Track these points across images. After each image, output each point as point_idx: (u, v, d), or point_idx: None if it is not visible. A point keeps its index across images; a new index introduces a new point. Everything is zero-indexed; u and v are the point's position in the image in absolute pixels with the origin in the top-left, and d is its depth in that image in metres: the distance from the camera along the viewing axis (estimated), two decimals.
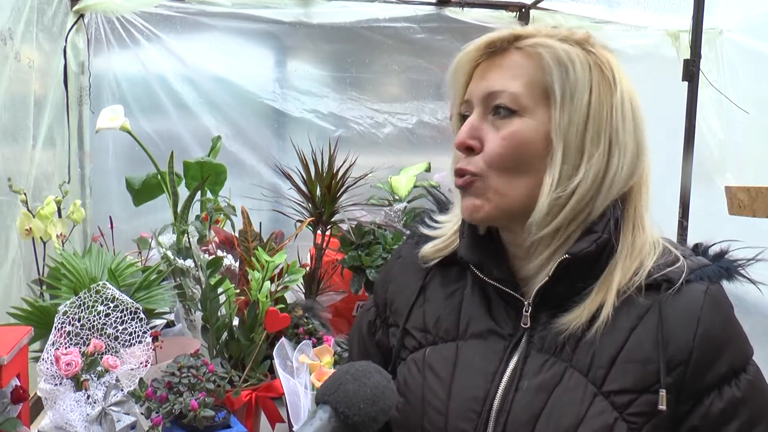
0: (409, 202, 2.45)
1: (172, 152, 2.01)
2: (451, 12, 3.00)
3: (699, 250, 0.98)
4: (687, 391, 0.86)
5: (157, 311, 1.73)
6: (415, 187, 2.50)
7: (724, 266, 0.93)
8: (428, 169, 2.63)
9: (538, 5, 2.99)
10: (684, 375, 0.86)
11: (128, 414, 1.42)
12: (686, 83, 2.21)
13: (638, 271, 0.90)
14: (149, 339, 1.52)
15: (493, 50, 0.94)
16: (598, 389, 0.87)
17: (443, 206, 1.11)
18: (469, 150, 0.93)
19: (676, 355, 0.86)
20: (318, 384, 1.41)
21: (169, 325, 1.99)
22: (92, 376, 1.42)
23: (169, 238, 1.92)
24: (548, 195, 0.88)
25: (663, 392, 0.85)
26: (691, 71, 2.17)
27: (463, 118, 0.97)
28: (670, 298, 0.88)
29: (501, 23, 3.05)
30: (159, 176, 2.01)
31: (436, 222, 1.09)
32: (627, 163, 0.90)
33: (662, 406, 0.84)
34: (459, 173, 0.94)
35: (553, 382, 0.89)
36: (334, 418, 0.83)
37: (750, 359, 0.90)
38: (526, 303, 0.94)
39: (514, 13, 3.06)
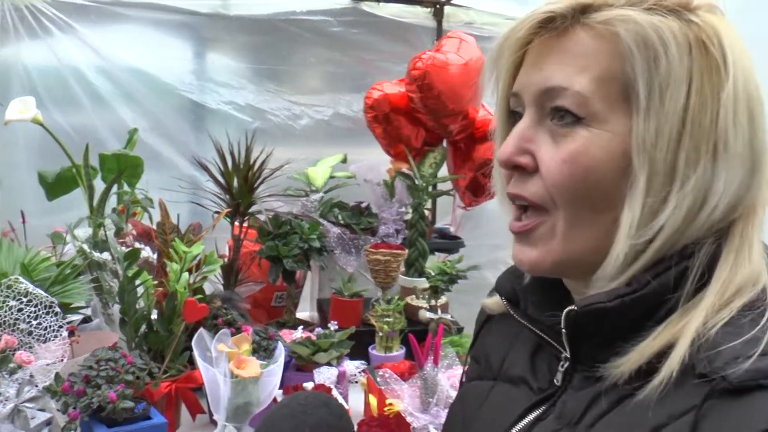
0: (325, 192, 2.50)
1: (87, 144, 1.99)
2: (367, 6, 3.07)
3: None
4: None
5: (73, 305, 1.72)
6: (331, 177, 2.55)
7: None
8: (344, 161, 2.68)
9: (452, 1, 3.08)
10: None
11: (43, 410, 1.40)
12: None
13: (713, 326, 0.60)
14: (65, 333, 1.50)
15: (552, 27, 0.68)
16: None
17: None
18: (519, 169, 0.70)
19: None
20: (237, 371, 1.44)
21: (86, 320, 1.97)
22: (3, 373, 1.38)
23: (84, 231, 1.91)
24: (626, 241, 0.64)
25: None
26: None
27: (513, 114, 0.74)
28: (724, 403, 0.56)
29: (416, 18, 3.14)
30: (74, 169, 1.98)
31: None
32: (736, 186, 0.63)
33: None
34: (515, 198, 0.72)
35: None
36: None
37: None
38: (563, 355, 0.72)
39: (429, 8, 3.15)
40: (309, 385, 1.63)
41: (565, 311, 0.67)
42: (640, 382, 0.61)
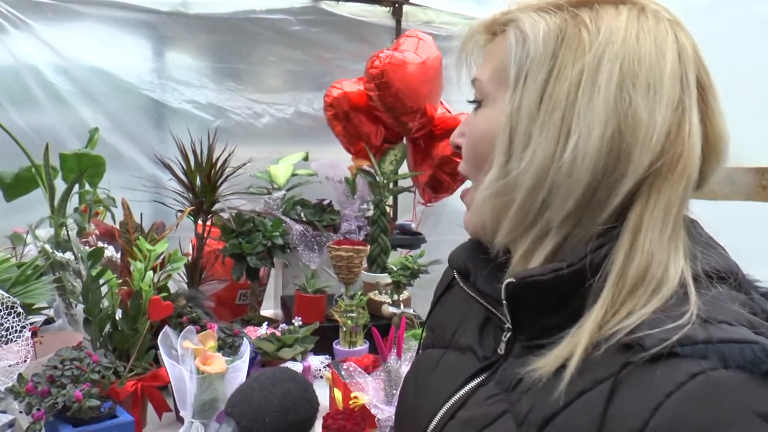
0: (287, 190, 2.52)
1: (48, 144, 1.98)
2: (327, 5, 3.11)
3: None
4: None
5: (35, 306, 1.71)
6: (293, 175, 2.57)
7: None
8: (306, 158, 2.70)
9: (411, 1, 3.12)
10: None
11: (5, 412, 1.39)
12: None
13: (624, 319, 0.65)
14: (28, 334, 1.49)
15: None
16: None
17: None
18: (459, 149, 0.85)
19: None
20: (203, 368, 1.46)
21: (49, 321, 1.95)
22: None
23: (46, 232, 1.90)
24: (484, 189, 0.76)
25: None
26: None
27: None
28: (640, 369, 0.62)
29: (375, 17, 3.17)
30: (34, 169, 1.97)
31: None
32: (594, 146, 0.68)
33: None
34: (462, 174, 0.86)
35: (485, 421, 0.74)
36: None
37: None
38: (506, 327, 0.79)
39: (389, 8, 3.19)
40: None
41: (504, 283, 0.74)
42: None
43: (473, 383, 0.80)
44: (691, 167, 0.70)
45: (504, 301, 0.75)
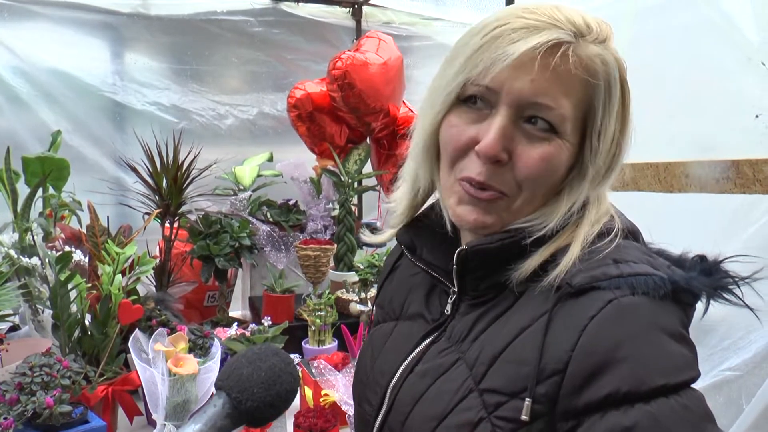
0: (253, 191, 2.53)
1: (9, 148, 1.96)
2: (287, 6, 3.13)
3: (686, 262, 0.84)
4: (564, 407, 0.74)
5: (1, 313, 1.70)
6: (258, 176, 2.58)
7: (686, 281, 0.77)
8: (271, 159, 2.71)
9: (370, 2, 3.15)
10: (559, 387, 0.74)
11: None
12: None
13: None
14: None
15: (549, 49, 0.79)
16: (476, 385, 0.81)
17: None
18: (496, 162, 0.82)
19: (551, 364, 0.75)
20: (175, 369, 1.47)
21: (14, 329, 1.94)
22: None
23: (10, 237, 1.88)
24: (561, 217, 0.84)
25: (528, 401, 0.74)
26: None
27: (469, 99, 0.84)
28: (569, 302, 0.77)
29: (335, 18, 3.19)
30: None
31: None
32: (617, 169, 0.88)
33: (525, 417, 0.75)
34: (482, 186, 0.83)
35: (441, 370, 0.86)
36: (228, 404, 0.82)
37: (662, 391, 0.70)
38: (451, 290, 0.92)
39: (348, 9, 3.21)
40: None
41: (456, 251, 0.87)
42: (530, 285, 0.82)
43: (426, 342, 0.92)
44: None
45: (454, 266, 0.88)
